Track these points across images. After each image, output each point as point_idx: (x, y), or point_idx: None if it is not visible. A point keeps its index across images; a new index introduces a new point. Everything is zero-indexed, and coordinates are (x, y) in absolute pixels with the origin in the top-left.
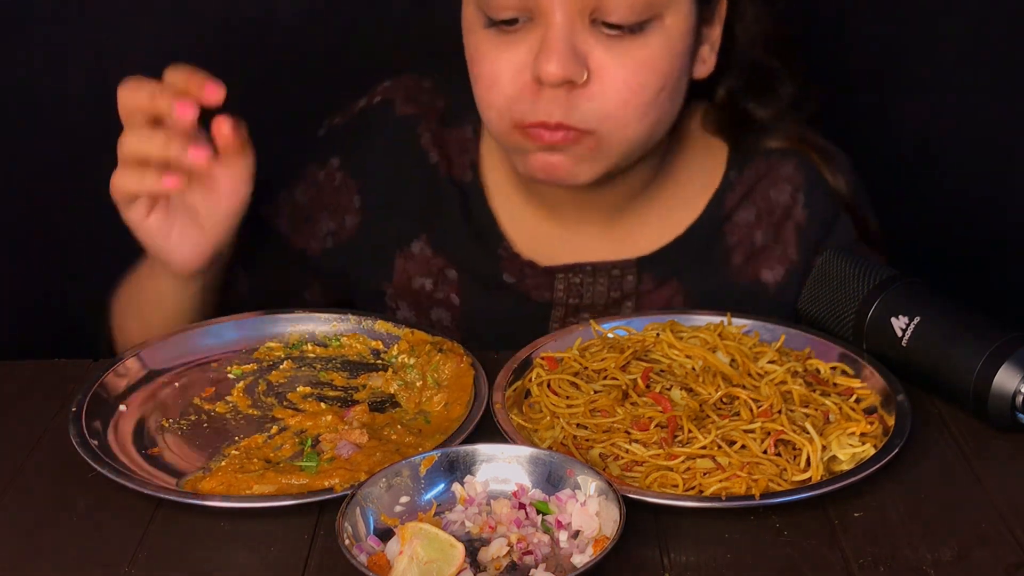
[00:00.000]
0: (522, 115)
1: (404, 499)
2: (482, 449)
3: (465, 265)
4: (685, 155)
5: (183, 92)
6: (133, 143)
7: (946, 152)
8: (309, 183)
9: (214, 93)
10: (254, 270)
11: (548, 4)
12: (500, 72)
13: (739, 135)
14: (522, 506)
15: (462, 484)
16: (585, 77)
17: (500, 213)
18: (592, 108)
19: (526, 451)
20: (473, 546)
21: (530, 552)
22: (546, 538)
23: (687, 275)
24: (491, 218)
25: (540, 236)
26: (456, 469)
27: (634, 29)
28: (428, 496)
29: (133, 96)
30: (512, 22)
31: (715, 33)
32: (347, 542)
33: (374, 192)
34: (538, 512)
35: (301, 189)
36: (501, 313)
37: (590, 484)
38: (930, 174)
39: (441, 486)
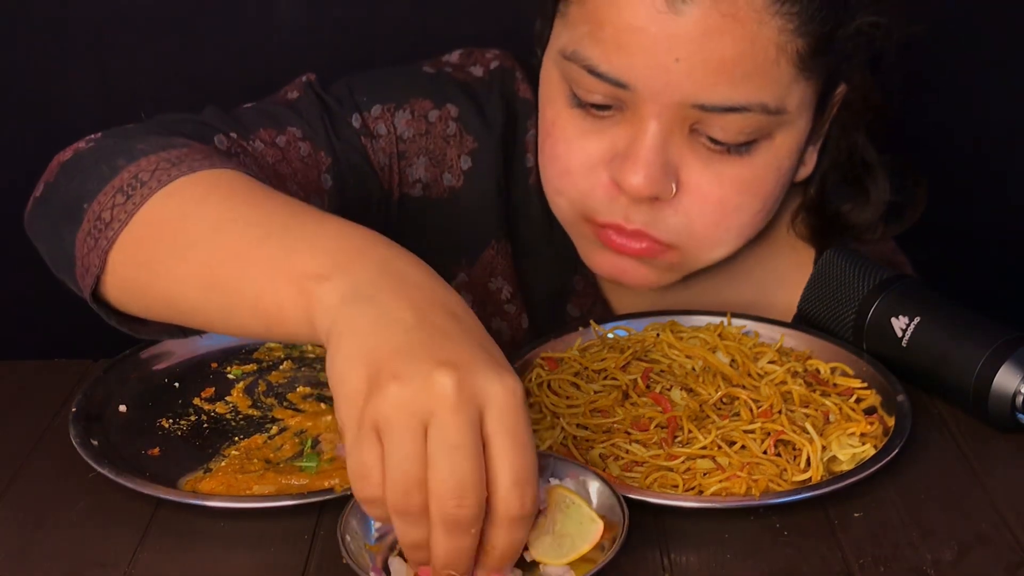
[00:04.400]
0: (594, 212)
1: None
2: None
3: (537, 285)
4: (769, 259)
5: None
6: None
7: (945, 151)
8: (416, 116)
9: None
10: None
11: (644, 108)
12: (575, 160)
13: (830, 243)
14: None
15: None
16: (674, 192)
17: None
18: (679, 223)
19: None
20: None
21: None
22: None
23: None
24: (571, 245)
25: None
26: None
27: (739, 148)
28: None
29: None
30: (603, 107)
31: (823, 129)
32: (347, 542)
33: (484, 164)
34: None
35: (405, 120)
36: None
37: (590, 484)
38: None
39: None
